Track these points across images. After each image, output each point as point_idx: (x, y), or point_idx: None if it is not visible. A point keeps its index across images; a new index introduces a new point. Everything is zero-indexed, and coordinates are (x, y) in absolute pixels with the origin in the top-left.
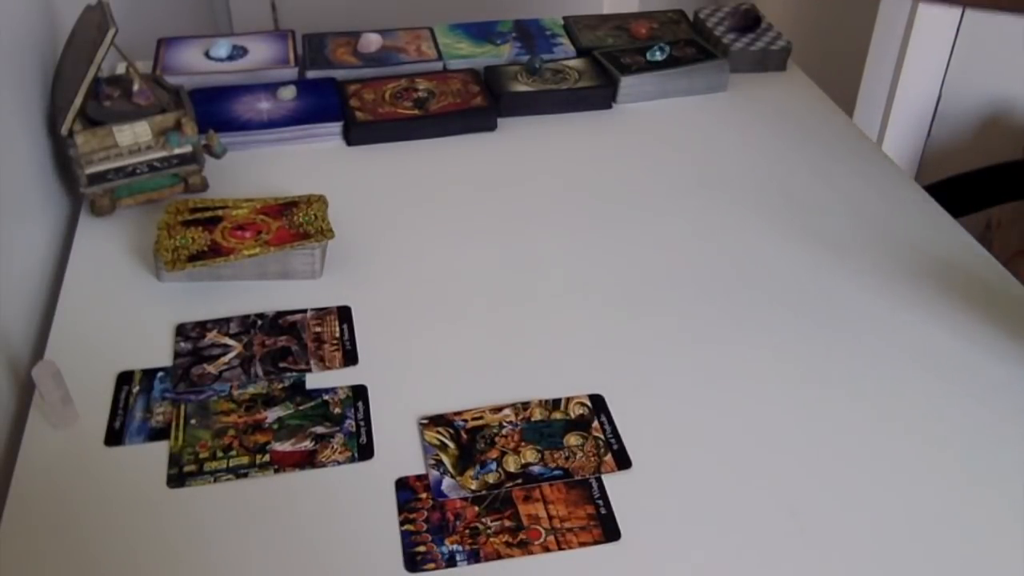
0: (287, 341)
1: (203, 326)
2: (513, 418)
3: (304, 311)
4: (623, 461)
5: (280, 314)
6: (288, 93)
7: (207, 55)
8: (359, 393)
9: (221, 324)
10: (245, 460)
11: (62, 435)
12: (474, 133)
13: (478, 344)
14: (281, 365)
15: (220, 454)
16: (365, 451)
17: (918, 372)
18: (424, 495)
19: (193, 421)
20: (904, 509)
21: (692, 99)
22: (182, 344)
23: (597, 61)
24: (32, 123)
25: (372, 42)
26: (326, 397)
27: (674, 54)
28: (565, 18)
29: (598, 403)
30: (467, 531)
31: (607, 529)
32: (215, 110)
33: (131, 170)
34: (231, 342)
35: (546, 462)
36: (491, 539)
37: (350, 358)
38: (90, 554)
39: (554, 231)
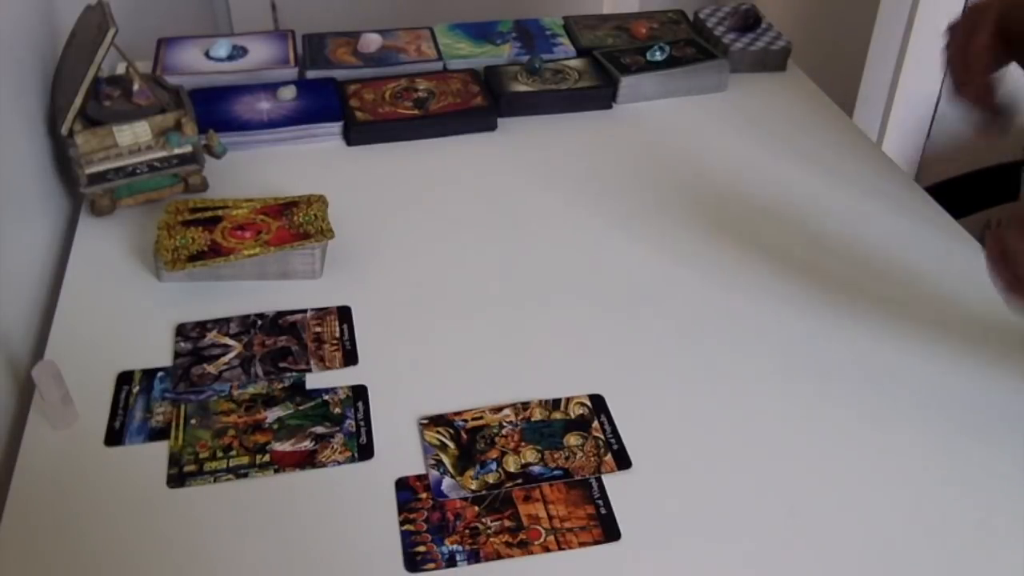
0: (287, 341)
1: (203, 326)
2: (513, 418)
3: (304, 311)
4: (623, 461)
5: (280, 314)
6: (288, 93)
7: (207, 55)
8: (359, 393)
9: (221, 324)
10: (245, 460)
11: (62, 435)
12: (474, 133)
13: (478, 344)
14: (281, 365)
15: (220, 454)
16: (365, 451)
17: (918, 372)
18: (424, 495)
19: (193, 421)
20: (904, 510)
21: (692, 99)
22: (182, 344)
23: (597, 61)
24: (32, 123)
25: (372, 42)
26: (326, 397)
27: (674, 54)
28: (565, 18)
29: (598, 403)
30: (467, 531)
31: (607, 529)
32: (215, 110)
33: (131, 170)
34: (231, 342)
35: (546, 462)
36: (491, 539)
37: (350, 358)
38: (90, 554)
39: (554, 231)
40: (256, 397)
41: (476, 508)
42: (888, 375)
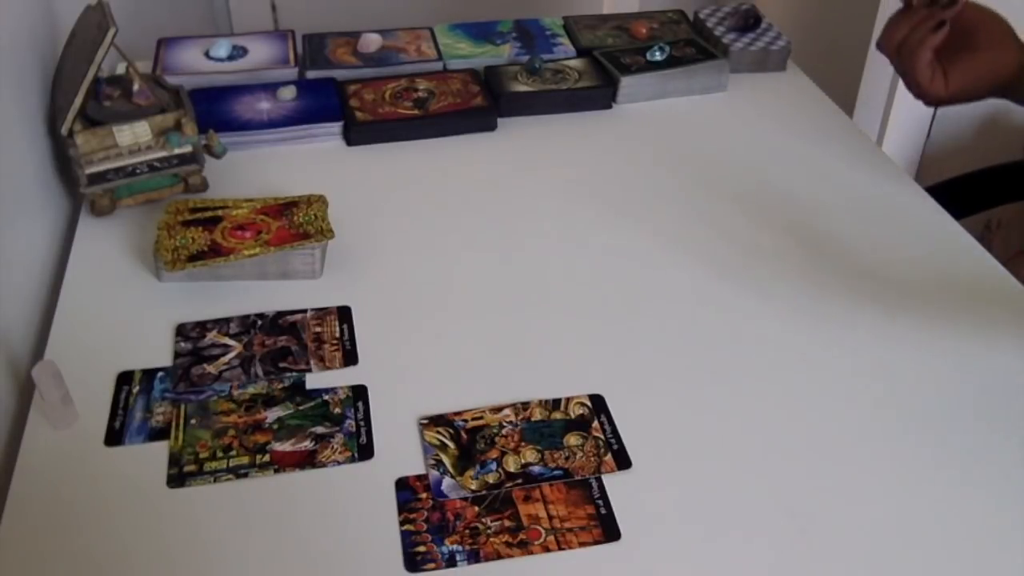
0: (287, 341)
1: (203, 326)
2: (513, 418)
3: (304, 311)
4: (623, 461)
5: (280, 314)
6: (288, 93)
7: (207, 55)
8: (359, 393)
9: (221, 324)
10: (245, 460)
11: (62, 435)
12: (474, 133)
13: (478, 344)
14: (281, 365)
15: (220, 454)
16: (365, 451)
17: (918, 372)
18: (424, 495)
19: (193, 421)
20: (904, 510)
21: (692, 99)
22: (182, 344)
23: (597, 61)
24: (32, 123)
25: (372, 42)
26: (326, 397)
27: (674, 54)
28: (565, 18)
29: (598, 403)
30: (467, 531)
31: (607, 529)
32: (215, 110)
33: (131, 170)
34: (231, 342)
35: (546, 462)
36: (491, 539)
37: (350, 358)
38: (90, 554)
39: (554, 231)
40: (256, 397)
41: (476, 508)
42: (888, 375)
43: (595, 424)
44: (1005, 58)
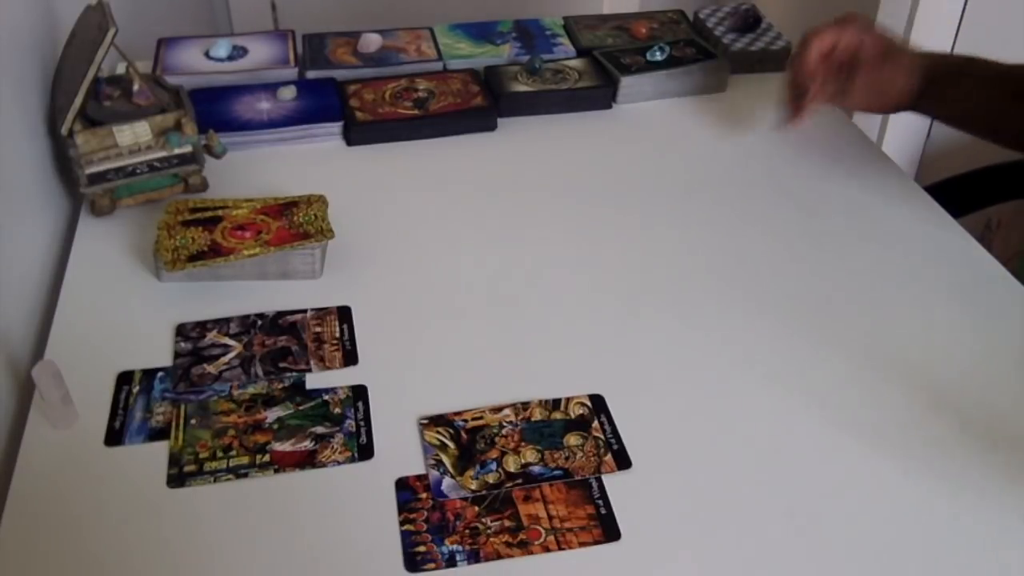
0: (287, 341)
1: (203, 326)
2: (513, 418)
3: (304, 311)
4: (623, 461)
5: (280, 314)
6: (288, 93)
7: (207, 55)
8: (359, 393)
9: (221, 324)
10: (245, 460)
11: (62, 435)
12: (474, 133)
13: (478, 344)
14: (281, 365)
15: (220, 454)
16: (365, 451)
17: (918, 372)
18: (424, 495)
19: (193, 421)
20: (905, 510)
21: (692, 99)
22: (182, 344)
23: (597, 61)
24: (32, 123)
25: (372, 42)
26: (326, 397)
27: (674, 54)
28: (565, 18)
29: (598, 403)
30: (467, 531)
31: (607, 529)
32: (215, 110)
33: (131, 170)
34: (231, 342)
35: (546, 462)
36: (491, 539)
37: (350, 358)
38: (90, 554)
39: (554, 231)
40: (256, 397)
41: (476, 508)
42: (888, 375)
43: (595, 424)
44: (900, 85)
